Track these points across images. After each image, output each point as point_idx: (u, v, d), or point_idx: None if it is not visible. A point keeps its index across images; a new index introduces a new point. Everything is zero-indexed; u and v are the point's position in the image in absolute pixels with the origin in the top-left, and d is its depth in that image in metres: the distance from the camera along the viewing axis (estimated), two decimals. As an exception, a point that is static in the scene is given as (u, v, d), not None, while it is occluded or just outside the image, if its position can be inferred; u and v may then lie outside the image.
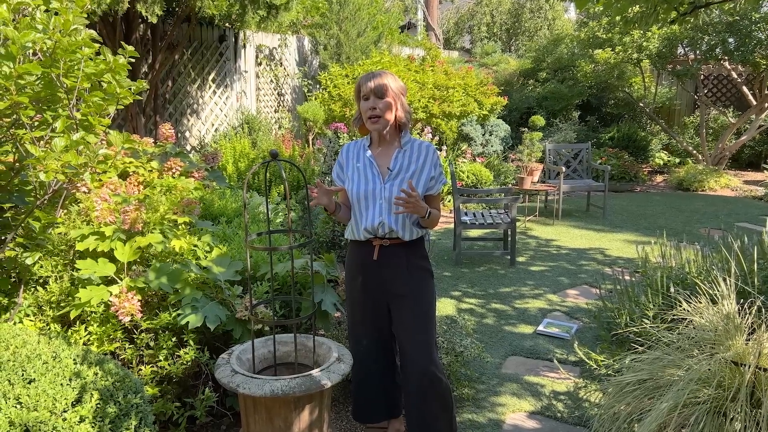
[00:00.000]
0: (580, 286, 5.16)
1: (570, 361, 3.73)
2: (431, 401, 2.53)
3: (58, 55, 1.95)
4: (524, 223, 7.54)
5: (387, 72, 2.46)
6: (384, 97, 2.38)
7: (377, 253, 2.53)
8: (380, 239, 2.52)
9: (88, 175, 2.05)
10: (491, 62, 13.39)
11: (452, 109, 8.77)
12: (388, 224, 2.47)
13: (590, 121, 12.05)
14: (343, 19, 9.32)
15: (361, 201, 2.50)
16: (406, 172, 2.49)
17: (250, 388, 2.26)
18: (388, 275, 2.55)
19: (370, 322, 2.68)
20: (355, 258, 2.63)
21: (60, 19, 1.85)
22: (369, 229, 2.49)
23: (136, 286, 2.73)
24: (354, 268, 2.64)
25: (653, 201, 9.11)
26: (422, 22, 15.04)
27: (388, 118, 2.41)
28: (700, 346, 2.60)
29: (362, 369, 2.75)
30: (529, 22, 17.39)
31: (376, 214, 2.47)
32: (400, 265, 2.54)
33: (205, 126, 8.31)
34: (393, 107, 2.41)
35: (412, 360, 2.53)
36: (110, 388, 2.06)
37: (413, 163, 2.50)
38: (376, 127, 2.43)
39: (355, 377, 2.78)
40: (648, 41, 9.51)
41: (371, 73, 2.43)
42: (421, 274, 2.59)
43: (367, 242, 2.55)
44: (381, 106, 2.39)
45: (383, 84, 2.37)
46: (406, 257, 2.55)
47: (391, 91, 2.38)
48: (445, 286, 5.16)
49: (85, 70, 2.05)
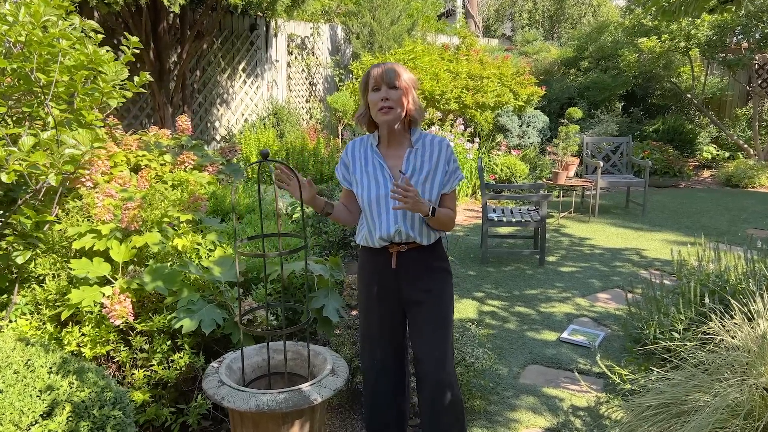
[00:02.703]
0: (611, 290, 4.89)
1: (593, 373, 3.51)
2: (444, 411, 2.43)
3: (33, 48, 1.84)
4: (558, 220, 7.25)
5: (397, 63, 2.28)
6: (396, 87, 2.20)
7: (395, 261, 2.37)
8: (397, 245, 2.35)
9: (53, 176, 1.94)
10: (532, 51, 12.98)
11: (486, 99, 8.50)
12: (405, 231, 2.30)
13: (634, 112, 11.56)
14: (376, 6, 9.12)
15: (373, 207, 2.33)
16: (420, 173, 2.30)
17: (234, 401, 2.14)
18: (406, 282, 2.38)
19: (385, 333, 2.52)
20: (369, 266, 2.46)
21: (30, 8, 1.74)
22: (385, 238, 2.32)
23: (131, 288, 2.64)
24: (368, 276, 2.47)
25: (698, 198, 8.66)
26: (461, 9, 14.69)
27: (401, 109, 2.23)
28: (732, 368, 2.36)
29: (375, 379, 2.60)
30: (573, 9, 16.80)
31: (391, 221, 2.30)
32: (419, 271, 2.38)
33: (235, 116, 8.26)
34: (405, 98, 2.23)
35: (426, 368, 2.41)
36: (86, 400, 1.96)
37: (426, 163, 2.32)
38: (387, 118, 2.22)
39: (367, 388, 2.63)
40: (697, 29, 9.00)
41: (380, 64, 2.26)
42: (441, 276, 2.42)
43: (383, 249, 2.38)
44: (393, 96, 2.20)
45: (394, 70, 2.19)
46: (425, 261, 2.38)
47: (403, 81, 2.20)
48: (468, 286, 4.97)
49: (65, 63, 1.94)
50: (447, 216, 2.32)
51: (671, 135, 10.67)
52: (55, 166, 1.83)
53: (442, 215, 2.27)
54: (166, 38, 6.65)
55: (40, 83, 1.85)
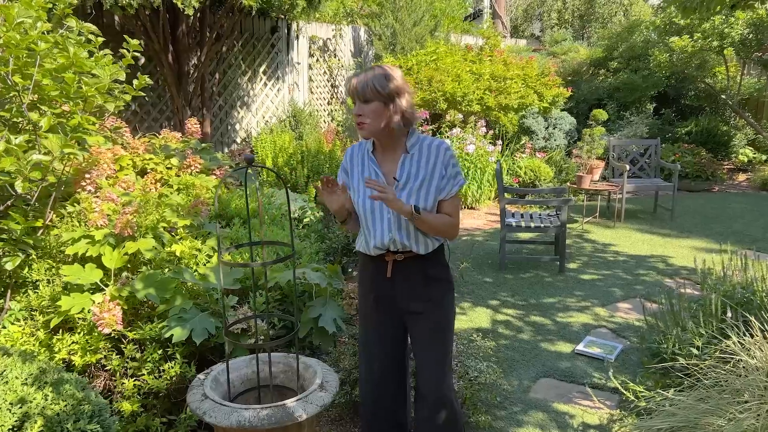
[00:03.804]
0: (633, 299, 4.69)
1: (608, 388, 3.34)
2: (441, 428, 2.32)
3: (10, 51, 1.79)
4: (582, 225, 7.03)
5: (382, 68, 2.15)
6: (369, 101, 2.09)
7: (391, 269, 2.27)
8: (393, 254, 2.25)
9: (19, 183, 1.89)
10: (560, 51, 12.72)
11: (509, 101, 8.32)
12: (399, 240, 2.19)
13: (666, 114, 11.21)
14: (399, 7, 9.02)
15: (368, 214, 2.24)
16: (414, 180, 2.19)
17: (216, 417, 2.06)
18: (402, 292, 2.28)
19: (384, 342, 2.42)
20: (366, 273, 2.38)
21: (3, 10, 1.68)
22: (380, 246, 2.23)
23: (122, 296, 2.58)
24: (366, 284, 2.39)
25: (732, 202, 8.33)
26: (488, 9, 14.49)
27: (376, 125, 2.13)
28: (750, 391, 2.19)
29: (373, 391, 2.49)
30: (604, 8, 16.42)
31: (385, 229, 2.21)
32: (417, 281, 2.27)
33: (256, 118, 8.25)
34: (384, 112, 2.12)
35: (425, 382, 2.33)
36: (60, 414, 1.90)
37: (422, 169, 2.20)
38: (362, 134, 2.17)
39: (365, 399, 2.53)
40: (731, 27, 8.66)
41: (358, 72, 2.15)
42: (440, 287, 2.31)
43: (379, 257, 2.29)
44: (366, 110, 2.11)
45: (367, 85, 2.08)
46: (423, 271, 2.27)
47: (378, 94, 2.08)
48: (483, 293, 4.82)
49: (46, 66, 1.89)
50: (441, 222, 2.20)
51: (705, 137, 10.31)
52: (22, 173, 1.78)
53: (431, 219, 2.15)
54: (185, 41, 6.65)
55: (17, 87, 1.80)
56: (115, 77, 2.65)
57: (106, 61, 2.83)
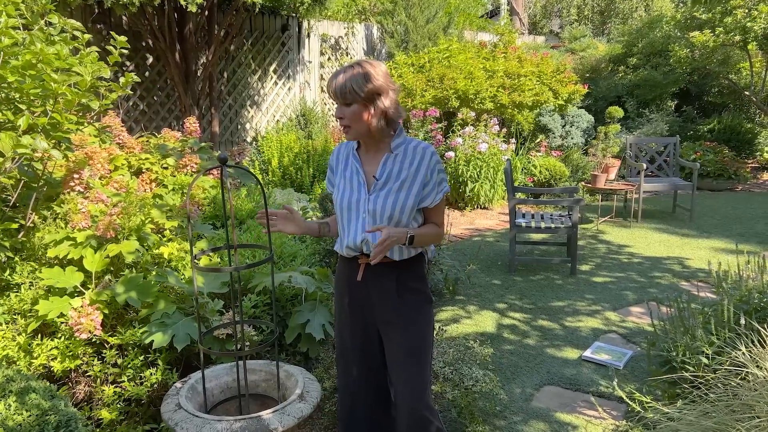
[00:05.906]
0: (646, 303, 4.51)
1: (615, 397, 3.19)
2: None
3: (-30, 47, 1.71)
4: (597, 225, 6.84)
5: (361, 65, 2.03)
6: (349, 103, 1.99)
7: (362, 273, 2.16)
8: (366, 257, 2.14)
9: None
10: (579, 47, 12.47)
11: (523, 98, 8.14)
12: (372, 242, 2.08)
13: (687, 111, 10.92)
14: (412, 4, 8.89)
15: (344, 212, 2.14)
16: (395, 181, 2.08)
17: (188, 429, 1.97)
18: (375, 298, 2.17)
19: (360, 348, 2.30)
20: (341, 275, 2.27)
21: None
22: (352, 247, 2.12)
23: (102, 300, 2.50)
24: (340, 286, 2.28)
25: (754, 202, 8.06)
26: (506, 6, 14.28)
27: (359, 128, 2.03)
28: (760, 406, 2.04)
29: (350, 399, 2.38)
30: (624, 3, 16.09)
31: (359, 229, 2.10)
32: (389, 288, 2.15)
33: (266, 117, 8.19)
34: (365, 113, 2.01)
35: (401, 397, 2.19)
36: (23, 425, 1.82)
37: (404, 170, 2.09)
38: (347, 136, 2.08)
39: (342, 408, 2.42)
40: (753, 21, 8.37)
41: (338, 71, 2.04)
42: (415, 298, 2.18)
43: (353, 259, 2.18)
44: (347, 113, 2.00)
45: (345, 86, 1.97)
46: (396, 279, 2.16)
47: (357, 95, 1.97)
48: (490, 296, 4.68)
49: (12, 63, 1.81)
50: (429, 234, 2.12)
51: (727, 135, 10.01)
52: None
53: (422, 236, 2.08)
54: (192, 40, 6.60)
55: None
56: (98, 75, 2.58)
57: (92, 58, 2.76)
